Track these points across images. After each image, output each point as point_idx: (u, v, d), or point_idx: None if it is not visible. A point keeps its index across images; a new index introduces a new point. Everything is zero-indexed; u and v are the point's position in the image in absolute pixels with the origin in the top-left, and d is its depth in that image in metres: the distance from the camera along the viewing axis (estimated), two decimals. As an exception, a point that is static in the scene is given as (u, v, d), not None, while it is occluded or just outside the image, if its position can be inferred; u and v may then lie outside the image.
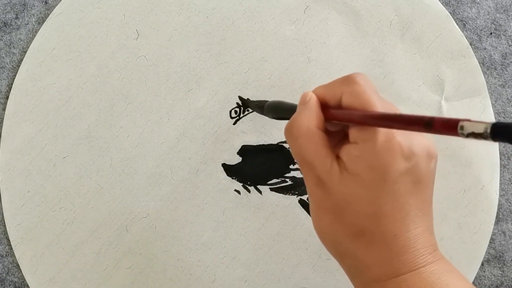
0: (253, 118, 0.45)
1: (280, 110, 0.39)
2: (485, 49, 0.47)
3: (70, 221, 0.45)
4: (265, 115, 0.42)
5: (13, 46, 0.46)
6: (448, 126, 0.25)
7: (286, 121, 0.34)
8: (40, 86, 0.45)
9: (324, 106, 0.33)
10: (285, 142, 0.46)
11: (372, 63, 0.46)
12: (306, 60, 0.46)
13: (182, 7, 0.46)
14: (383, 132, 0.30)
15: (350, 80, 0.32)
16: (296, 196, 0.45)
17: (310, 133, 0.32)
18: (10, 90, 0.46)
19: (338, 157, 0.32)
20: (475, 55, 0.47)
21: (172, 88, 0.46)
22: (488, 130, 0.23)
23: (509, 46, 0.48)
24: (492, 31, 0.47)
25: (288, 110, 0.38)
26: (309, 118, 0.32)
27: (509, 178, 0.47)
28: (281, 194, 0.45)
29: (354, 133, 0.31)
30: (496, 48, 0.47)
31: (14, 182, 0.45)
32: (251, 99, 0.45)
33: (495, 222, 0.46)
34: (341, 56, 0.46)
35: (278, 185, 0.45)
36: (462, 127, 0.24)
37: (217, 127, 0.45)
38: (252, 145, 0.45)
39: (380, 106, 0.31)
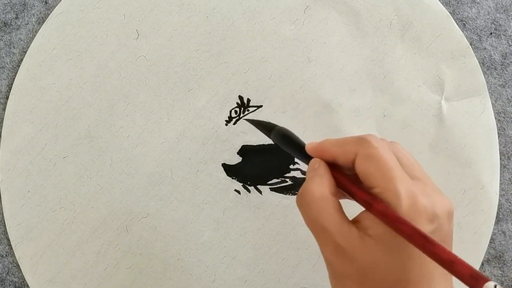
0: (253, 118, 0.46)
1: (289, 143, 0.37)
2: (485, 49, 0.47)
3: (70, 221, 0.45)
4: (270, 138, 0.40)
5: (13, 46, 0.46)
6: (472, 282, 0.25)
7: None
8: (40, 86, 0.45)
9: (334, 168, 0.32)
10: (285, 142, 0.46)
11: (372, 63, 0.46)
12: (306, 60, 0.46)
13: (182, 7, 0.46)
14: (406, 196, 0.29)
15: (364, 141, 0.31)
16: (296, 196, 0.45)
17: (325, 200, 0.31)
18: (10, 90, 0.46)
19: (356, 221, 0.31)
20: (475, 55, 0.47)
21: (172, 88, 0.46)
22: None
23: (509, 46, 0.48)
24: (492, 31, 0.47)
25: (296, 146, 0.36)
26: (321, 185, 0.31)
27: (509, 178, 0.47)
28: (281, 194, 0.45)
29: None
30: (496, 48, 0.47)
31: (14, 182, 0.45)
32: (250, 99, 0.45)
33: (495, 222, 0.46)
34: (341, 56, 0.46)
35: (278, 185, 0.45)
36: None
37: (217, 127, 0.45)
38: (252, 145, 0.45)
39: (400, 175, 0.30)
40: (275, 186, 0.45)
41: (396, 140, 0.46)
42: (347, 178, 0.32)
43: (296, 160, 0.45)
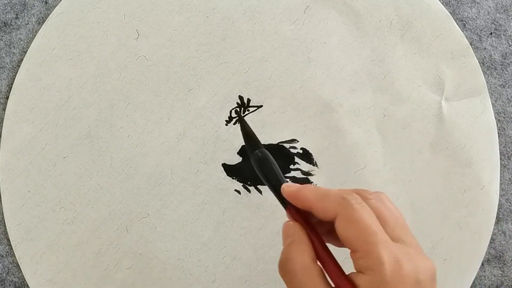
0: (253, 118, 0.46)
1: (267, 174, 0.35)
2: (485, 49, 0.47)
3: (70, 221, 0.45)
4: (249, 156, 0.37)
5: (13, 46, 0.46)
6: None
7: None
8: (40, 86, 0.45)
9: (309, 225, 0.32)
10: (285, 142, 0.46)
11: (372, 63, 0.46)
12: (306, 60, 0.46)
13: (182, 7, 0.46)
14: (390, 262, 0.29)
15: (346, 202, 0.31)
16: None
17: (307, 268, 0.31)
18: (10, 90, 0.46)
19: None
20: (475, 55, 0.47)
21: (172, 88, 0.46)
22: None
23: (509, 46, 0.48)
24: (492, 31, 0.47)
25: (274, 181, 0.34)
26: (301, 252, 0.31)
27: (509, 178, 0.47)
28: (281, 194, 0.45)
29: (357, 260, 0.30)
30: (496, 48, 0.47)
31: (14, 182, 0.45)
32: (250, 99, 0.45)
33: (495, 222, 0.46)
34: (341, 56, 0.46)
35: (278, 185, 0.45)
36: None
37: (217, 127, 0.45)
38: (252, 145, 0.45)
39: (382, 240, 0.30)
40: (275, 186, 0.45)
41: (396, 140, 0.46)
42: (324, 250, 0.32)
43: (296, 160, 0.45)
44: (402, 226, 0.32)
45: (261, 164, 0.35)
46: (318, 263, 0.32)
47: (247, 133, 0.39)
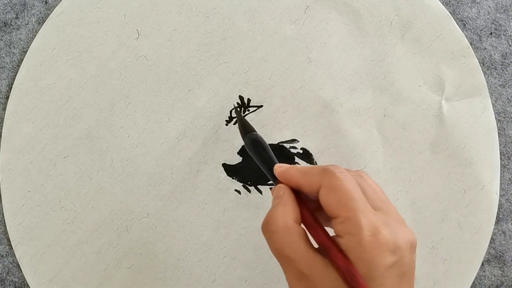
0: (253, 118, 0.46)
1: (260, 155, 0.37)
2: (485, 49, 0.47)
3: (71, 221, 0.45)
4: (243, 140, 0.39)
5: (13, 46, 0.46)
6: None
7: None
8: (40, 86, 0.45)
9: (299, 199, 0.33)
10: (285, 142, 0.46)
11: (373, 63, 0.46)
12: (307, 60, 0.46)
13: (183, 7, 0.46)
14: (368, 226, 0.30)
15: (329, 172, 0.31)
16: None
17: (288, 228, 0.31)
18: (10, 90, 0.46)
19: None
20: (475, 55, 0.47)
21: (173, 88, 0.46)
22: None
23: (509, 46, 0.48)
24: (492, 31, 0.48)
25: (267, 161, 0.36)
26: (285, 213, 0.32)
27: (509, 178, 0.47)
28: (282, 194, 0.45)
29: (337, 225, 0.31)
30: (496, 48, 0.47)
31: (14, 182, 0.45)
32: (251, 99, 0.45)
33: (495, 222, 0.46)
34: (341, 56, 0.46)
35: (278, 185, 0.45)
36: None
37: (217, 127, 0.45)
38: (252, 145, 0.45)
39: (362, 206, 0.30)
40: (276, 186, 0.45)
41: (396, 140, 0.46)
42: (310, 215, 0.32)
43: (296, 160, 0.45)
44: (383, 199, 0.33)
45: (255, 146, 0.37)
46: (303, 226, 0.32)
47: (241, 119, 0.41)
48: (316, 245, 0.32)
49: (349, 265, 0.29)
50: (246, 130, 0.39)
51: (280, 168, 0.34)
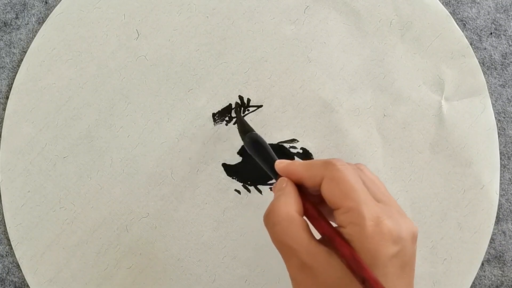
0: (253, 118, 0.46)
1: (260, 153, 0.37)
2: (485, 49, 0.47)
3: (70, 221, 0.45)
4: (242, 140, 0.40)
5: (13, 46, 0.46)
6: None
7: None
8: (40, 86, 0.45)
9: (301, 193, 0.33)
10: (285, 142, 0.46)
11: (372, 63, 0.46)
12: (306, 60, 0.46)
13: (182, 7, 0.46)
14: (371, 216, 0.30)
15: (330, 165, 0.32)
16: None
17: (290, 219, 0.31)
18: (10, 90, 0.46)
19: (324, 240, 0.31)
20: (475, 55, 0.47)
21: (172, 88, 0.46)
22: None
23: (509, 46, 0.48)
24: (492, 31, 0.48)
25: (267, 159, 0.36)
26: (287, 204, 0.32)
27: (509, 178, 0.47)
28: (281, 194, 0.45)
29: (340, 216, 0.31)
30: (496, 48, 0.47)
31: (14, 182, 0.45)
32: (250, 99, 0.45)
33: (495, 222, 0.46)
34: (341, 56, 0.46)
35: (278, 185, 0.45)
36: None
37: (217, 127, 0.45)
38: (252, 145, 0.45)
39: (364, 197, 0.30)
40: (275, 186, 0.45)
41: (396, 140, 0.46)
42: (313, 207, 0.32)
43: (296, 160, 0.45)
44: (383, 192, 0.33)
45: (255, 144, 0.38)
46: (305, 218, 0.32)
47: (240, 119, 0.43)
48: (318, 238, 0.32)
49: (353, 252, 0.29)
50: (245, 130, 0.40)
51: (281, 163, 0.34)
